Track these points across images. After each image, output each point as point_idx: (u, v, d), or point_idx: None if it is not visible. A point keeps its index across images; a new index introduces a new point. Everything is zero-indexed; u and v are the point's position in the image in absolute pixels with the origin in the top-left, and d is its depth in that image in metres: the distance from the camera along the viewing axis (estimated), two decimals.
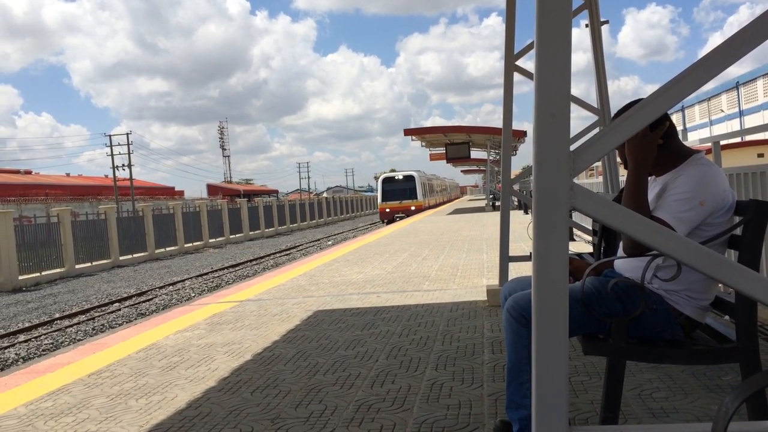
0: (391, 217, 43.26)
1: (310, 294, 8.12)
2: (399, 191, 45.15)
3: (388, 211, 44.69)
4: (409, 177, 46.16)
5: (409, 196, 45.04)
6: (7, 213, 24.18)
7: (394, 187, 45.46)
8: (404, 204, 44.55)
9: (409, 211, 43.06)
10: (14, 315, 16.82)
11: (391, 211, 44.14)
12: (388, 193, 45.51)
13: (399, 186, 45.64)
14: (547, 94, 1.64)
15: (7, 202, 44.25)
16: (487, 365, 4.28)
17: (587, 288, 2.43)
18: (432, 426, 3.25)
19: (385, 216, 44.77)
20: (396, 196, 45.02)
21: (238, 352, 5.17)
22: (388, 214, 44.48)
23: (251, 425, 3.44)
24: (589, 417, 3.21)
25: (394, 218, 42.13)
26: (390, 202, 45.00)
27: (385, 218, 44.13)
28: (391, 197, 45.15)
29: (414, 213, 41.33)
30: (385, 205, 45.41)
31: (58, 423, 3.74)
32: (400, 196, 45.00)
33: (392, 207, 44.64)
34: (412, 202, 44.84)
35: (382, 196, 45.89)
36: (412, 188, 45.70)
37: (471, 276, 8.77)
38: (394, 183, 46.12)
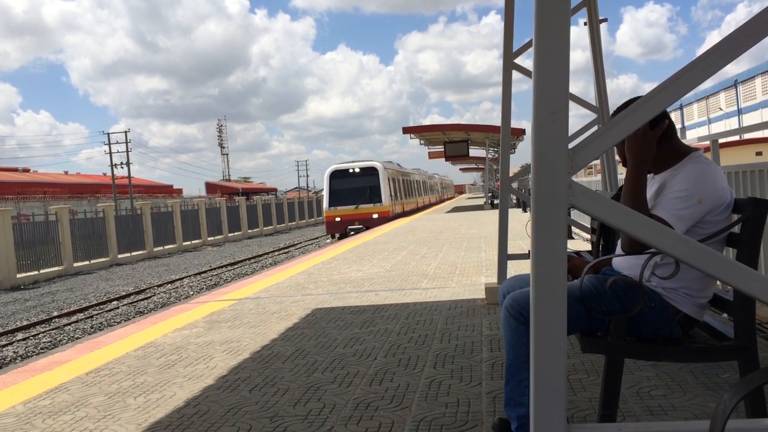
0: (342, 230, 29.85)
1: (308, 292, 8.12)
2: (355, 191, 30.63)
3: (338, 221, 30.18)
4: (369, 170, 31.48)
5: (369, 199, 30.54)
6: (5, 211, 24.15)
7: (348, 185, 30.80)
8: (362, 210, 30.22)
9: (370, 220, 29.43)
10: (12, 313, 16.80)
11: (343, 221, 29.99)
12: (338, 193, 30.86)
13: (355, 183, 30.95)
14: (545, 92, 1.64)
15: (5, 200, 44.20)
16: (485, 363, 4.28)
17: (586, 286, 2.42)
18: (431, 424, 3.25)
19: (333, 228, 30.64)
20: (350, 199, 30.52)
21: (236, 350, 5.17)
22: (337, 225, 30.30)
23: (250, 423, 3.44)
24: (588, 415, 3.21)
25: (347, 231, 29.13)
26: (341, 207, 30.36)
27: (334, 231, 30.62)
28: (342, 200, 30.58)
29: (377, 223, 28.06)
30: (333, 213, 30.50)
31: (56, 421, 3.74)
32: (357, 199, 30.46)
33: (344, 215, 30.17)
34: (373, 208, 30.39)
35: (329, 198, 30.94)
36: (374, 187, 30.95)
37: (470, 274, 8.77)
38: (347, 179, 31.15)
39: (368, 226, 28.07)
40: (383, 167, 32.25)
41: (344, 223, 30.06)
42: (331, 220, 30.65)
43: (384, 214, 30.47)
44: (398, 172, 38.24)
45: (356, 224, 29.48)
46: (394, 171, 36.52)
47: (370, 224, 28.47)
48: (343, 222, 30.19)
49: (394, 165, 38.95)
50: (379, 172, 31.56)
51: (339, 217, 30.23)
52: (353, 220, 30.00)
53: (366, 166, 31.88)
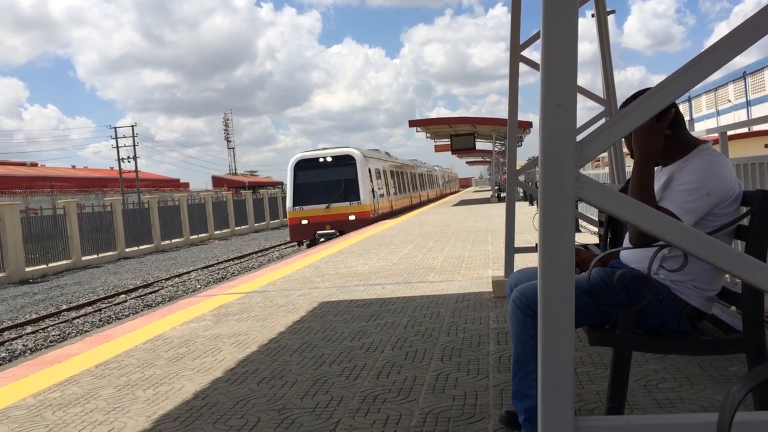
0: (310, 236, 23.77)
1: (315, 285, 8.14)
2: (326, 186, 24.26)
3: (304, 224, 23.80)
4: (344, 159, 24.93)
5: (344, 196, 24.16)
6: (13, 205, 24.28)
7: (317, 178, 24.41)
8: (334, 211, 23.84)
9: (345, 223, 23.20)
10: (21, 306, 16.92)
11: (311, 225, 23.67)
12: (304, 189, 24.32)
13: (326, 175, 24.55)
14: (553, 85, 1.64)
15: (13, 194, 44.42)
16: (492, 356, 4.28)
17: (593, 279, 2.42)
18: (438, 416, 3.26)
19: (298, 233, 24.28)
20: (320, 196, 24.02)
21: (244, 343, 5.19)
22: (304, 229, 23.92)
23: (258, 415, 3.46)
24: (595, 407, 3.21)
25: (315, 238, 23.30)
26: (308, 207, 23.88)
27: (299, 237, 24.49)
28: (310, 197, 24.05)
29: (354, 227, 22.11)
30: (298, 214, 23.98)
31: (66, 413, 3.77)
32: (328, 196, 24.04)
33: (312, 216, 23.71)
34: (349, 208, 23.99)
35: (293, 194, 24.52)
36: (351, 180, 24.51)
37: (476, 267, 8.77)
38: (316, 170, 24.60)
39: (343, 230, 21.61)
40: (362, 155, 25.15)
41: (312, 228, 23.40)
42: (296, 223, 23.72)
43: (363, 215, 23.71)
44: (385, 162, 30.79)
45: (327, 228, 23.07)
46: (378, 161, 29.08)
47: (345, 228, 21.98)
48: (310, 226, 23.43)
49: (379, 153, 31.84)
50: (357, 162, 24.44)
51: (306, 219, 23.40)
52: (323, 224, 23.29)
53: (340, 153, 24.81)
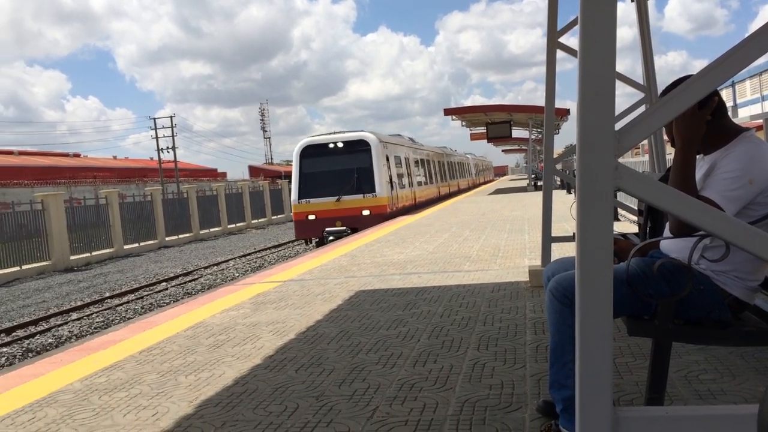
0: (318, 233, 20.43)
1: (351, 274, 8.19)
2: (336, 176, 20.71)
3: (311, 219, 20.39)
4: (357, 144, 21.20)
5: (357, 187, 20.56)
6: (57, 195, 24.94)
7: (326, 167, 20.85)
8: (346, 205, 20.35)
9: (358, 219, 19.90)
10: (67, 294, 17.41)
11: (319, 221, 20.25)
12: (312, 179, 20.83)
13: (336, 164, 21.00)
14: (591, 73, 1.62)
15: (57, 184, 45.58)
16: (529, 346, 4.27)
17: (632, 269, 2.40)
18: (474, 405, 3.27)
19: (304, 230, 20.85)
20: (329, 188, 20.48)
21: (282, 330, 5.27)
22: (311, 226, 20.49)
23: (297, 402, 3.52)
24: (634, 398, 3.19)
25: (324, 237, 20.08)
26: (316, 200, 20.41)
27: (306, 234, 21.06)
28: (318, 189, 20.54)
29: (369, 223, 18.97)
30: (304, 208, 20.52)
31: (112, 398, 3.89)
32: (339, 188, 20.49)
33: (321, 211, 20.27)
34: (363, 201, 20.46)
35: (299, 186, 20.94)
36: (365, 169, 20.88)
37: (513, 256, 8.72)
38: (325, 158, 21.01)
39: (355, 227, 18.81)
40: (378, 140, 21.28)
41: (320, 224, 19.89)
42: (302, 218, 20.26)
43: (379, 209, 20.17)
44: (406, 149, 26.90)
45: (338, 225, 19.75)
46: (398, 147, 25.13)
47: (358, 225, 19.01)
48: (318, 222, 19.93)
49: (401, 139, 27.71)
50: (372, 148, 20.71)
51: (313, 214, 19.96)
52: (333, 220, 19.83)
53: (352, 138, 21.12)
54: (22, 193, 38.49)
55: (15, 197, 34.00)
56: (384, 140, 22.62)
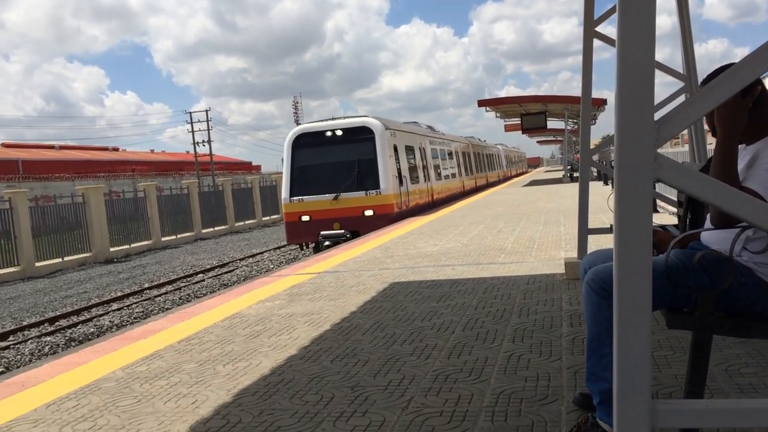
0: (312, 237, 17.36)
1: (385, 266, 8.22)
2: (333, 170, 17.64)
3: (305, 221, 17.34)
4: (358, 132, 17.97)
5: (357, 183, 17.46)
6: (97, 188, 25.50)
7: (322, 159, 17.78)
8: (345, 204, 17.23)
9: (360, 221, 16.93)
10: (107, 285, 17.81)
11: (314, 223, 17.23)
12: (305, 174, 17.83)
13: (334, 155, 17.88)
14: (630, 62, 1.60)
15: (97, 177, 46.57)
16: (565, 338, 4.24)
17: (672, 260, 2.36)
18: (510, 397, 3.26)
19: (297, 233, 17.73)
20: (325, 184, 17.42)
21: (317, 322, 5.32)
22: (305, 229, 17.42)
23: (332, 392, 3.56)
24: (673, 392, 3.15)
25: (320, 241, 16.97)
26: (310, 198, 17.40)
27: (299, 239, 17.98)
28: (313, 185, 17.53)
29: (373, 226, 16.06)
30: (297, 208, 17.49)
31: (153, 386, 3.98)
32: (336, 184, 17.40)
33: (316, 211, 17.26)
34: (366, 200, 17.32)
35: (290, 181, 17.81)
36: (368, 161, 17.71)
37: (548, 249, 8.64)
38: (321, 149, 17.92)
39: (356, 230, 16.10)
40: (383, 127, 17.76)
41: (315, 227, 16.83)
42: (295, 220, 17.15)
43: (384, 209, 16.95)
44: (421, 138, 22.60)
45: (336, 228, 16.69)
46: (410, 135, 21.01)
47: (359, 227, 16.23)
48: (313, 224, 16.86)
49: (416, 126, 24.04)
50: (377, 136, 17.32)
51: (307, 214, 16.90)
52: (330, 222, 16.75)
53: (352, 125, 17.76)
54: (63, 186, 39.48)
55: (57, 190, 34.88)
56: (391, 127, 18.87)
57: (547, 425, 2.89)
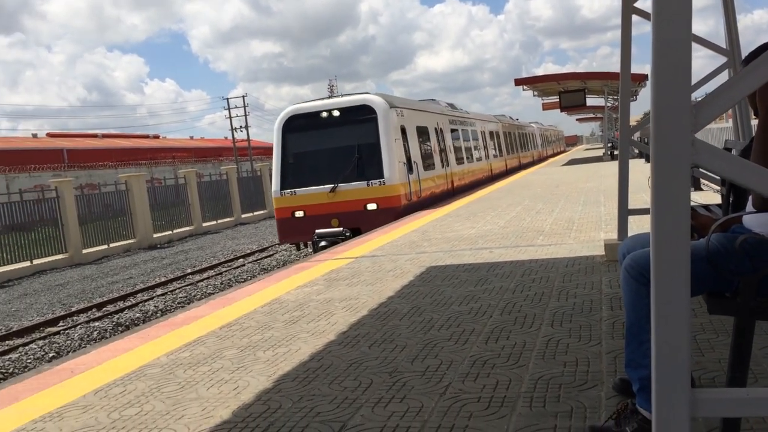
0: (307, 236, 14.77)
1: (422, 250, 8.22)
2: (330, 157, 14.95)
3: (298, 217, 14.78)
4: (358, 110, 15.11)
5: (358, 172, 14.70)
6: (139, 176, 26.03)
7: (317, 144, 15.13)
8: (343, 196, 14.56)
9: (361, 216, 14.41)
10: (151, 270, 18.23)
11: (309, 219, 14.63)
12: (298, 162, 15.28)
13: (330, 139, 15.03)
14: (665, 42, 1.55)
15: (139, 165, 47.48)
16: (605, 322, 4.19)
17: (713, 245, 2.31)
18: (548, 382, 3.25)
19: (289, 231, 15.22)
20: (321, 173, 14.80)
21: (355, 307, 5.36)
22: (298, 226, 14.84)
23: (371, 378, 3.59)
24: (716, 376, 3.09)
25: (315, 241, 14.37)
26: (304, 190, 14.80)
27: (292, 238, 15.61)
28: (307, 176, 14.95)
29: (376, 222, 13.60)
30: (289, 202, 14.90)
31: (196, 372, 4.07)
32: (334, 173, 14.68)
33: (312, 206, 14.65)
34: (368, 191, 14.57)
35: (282, 171, 15.22)
36: (370, 146, 14.85)
37: (588, 230, 8.52)
38: (316, 132, 15.18)
39: (357, 227, 13.98)
40: (387, 105, 15.19)
41: (311, 223, 14.48)
42: (287, 215, 14.87)
43: (390, 201, 14.49)
44: (435, 117, 19.75)
45: (334, 225, 14.36)
46: (421, 114, 18.24)
47: (361, 223, 14.05)
48: (308, 221, 14.53)
49: (432, 104, 21.37)
50: (379, 116, 14.79)
51: (301, 210, 14.64)
52: (328, 217, 14.42)
53: (351, 103, 15.24)
54: (107, 174, 40.39)
55: (101, 178, 35.74)
56: (398, 105, 16.10)
57: (587, 411, 2.87)
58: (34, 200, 21.77)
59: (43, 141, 50.19)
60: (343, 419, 3.07)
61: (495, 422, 2.87)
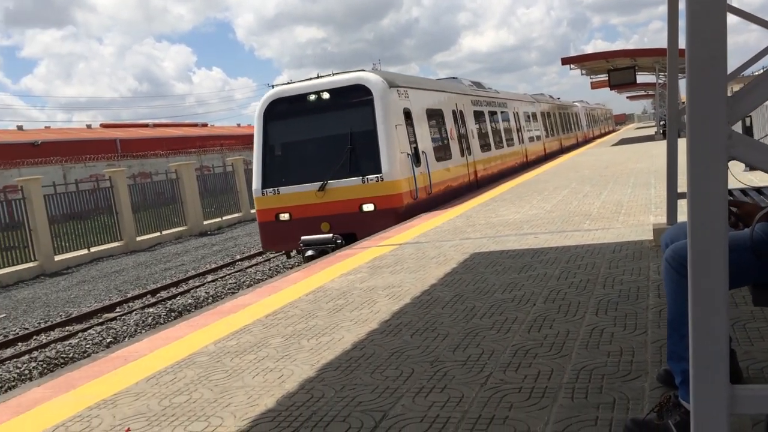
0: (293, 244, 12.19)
1: (466, 236, 8.19)
2: (318, 148, 12.53)
3: (283, 220, 12.32)
4: (351, 91, 12.39)
5: (351, 166, 12.08)
6: (189, 164, 26.58)
7: (304, 133, 12.62)
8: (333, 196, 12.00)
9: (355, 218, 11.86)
10: (202, 257, 18.65)
11: (295, 223, 12.16)
12: (282, 155, 12.98)
13: (319, 127, 12.48)
14: (699, 30, 1.51)
15: (189, 153, 48.43)
16: (651, 310, 4.12)
17: (757, 235, 2.25)
18: (591, 373, 3.22)
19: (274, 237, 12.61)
20: (308, 168, 12.32)
21: (397, 295, 5.39)
22: (283, 230, 12.33)
23: (412, 367, 3.62)
24: (765, 367, 3.01)
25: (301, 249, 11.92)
26: (288, 189, 12.29)
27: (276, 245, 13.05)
28: (292, 171, 12.49)
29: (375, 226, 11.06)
30: (273, 202, 12.48)
31: (242, 360, 4.17)
32: (322, 168, 12.11)
33: (298, 207, 12.18)
34: (364, 189, 11.93)
35: (263, 167, 12.88)
36: (365, 133, 12.11)
37: (637, 213, 8.34)
38: (302, 118, 12.62)
39: (353, 232, 11.71)
40: (386, 85, 12.64)
41: (297, 228, 12.22)
42: (270, 219, 12.65)
43: (390, 201, 12.05)
44: (454, 98, 16.98)
45: (324, 230, 12.05)
46: (432, 94, 15.49)
47: (357, 228, 11.73)
48: (295, 225, 12.29)
49: (451, 83, 19.05)
50: (376, 98, 12.35)
51: (286, 212, 12.40)
52: (317, 221, 12.14)
53: (343, 83, 12.68)
54: (158, 163, 41.31)
55: (153, 167, 36.60)
56: (400, 84, 13.29)
57: (629, 403, 2.84)
58: (89, 190, 22.50)
59: (97, 132, 51.69)
60: (384, 408, 3.11)
61: (535, 413, 2.86)
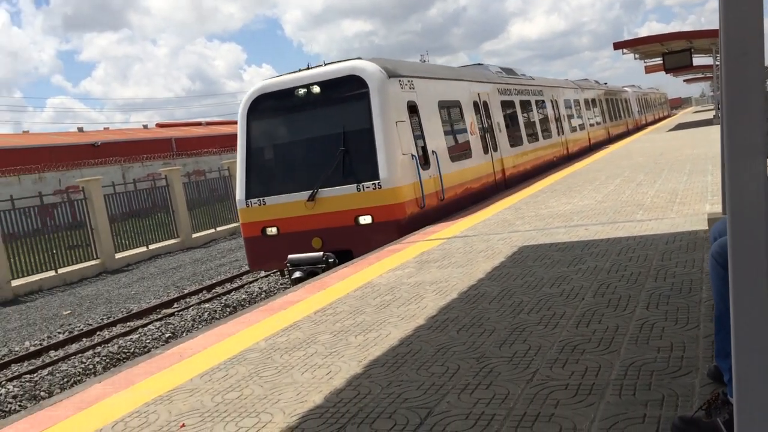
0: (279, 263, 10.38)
1: (515, 228, 8.12)
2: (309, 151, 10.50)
3: (271, 235, 10.45)
4: (344, 83, 10.17)
5: (345, 171, 9.98)
6: None
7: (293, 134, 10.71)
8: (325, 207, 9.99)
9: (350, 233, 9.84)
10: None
11: (282, 239, 10.29)
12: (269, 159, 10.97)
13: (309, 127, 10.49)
14: (734, 22, 1.47)
15: None
16: (704, 304, 4.02)
17: None
18: (640, 369, 3.17)
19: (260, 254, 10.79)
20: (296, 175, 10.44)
21: (444, 290, 5.40)
22: (269, 247, 10.47)
23: (458, 363, 3.63)
24: None
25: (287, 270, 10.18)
26: (275, 198, 10.39)
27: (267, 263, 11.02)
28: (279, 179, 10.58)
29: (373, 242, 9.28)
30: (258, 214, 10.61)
31: (292, 357, 4.26)
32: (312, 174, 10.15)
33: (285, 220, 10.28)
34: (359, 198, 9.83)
35: (246, 175, 10.81)
36: (360, 132, 10.00)
37: (692, 202, 8.11)
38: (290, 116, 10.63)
39: (348, 248, 9.88)
40: (384, 75, 10.32)
41: (287, 244, 10.33)
42: (256, 234, 10.87)
43: (390, 212, 9.85)
44: (476, 87, 14.67)
45: (315, 246, 10.16)
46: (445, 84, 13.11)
47: (353, 244, 9.87)
48: (282, 240, 10.43)
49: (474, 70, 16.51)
50: (372, 90, 10.10)
51: (273, 225, 10.59)
52: (307, 235, 10.24)
53: (335, 74, 10.44)
54: (212, 160, 42.22)
55: (207, 165, 37.44)
56: (404, 73, 11.19)
57: (678, 400, 2.79)
58: (147, 189, 23.18)
59: (153, 131, 53.14)
60: (429, 405, 3.13)
61: (582, 410, 2.84)
